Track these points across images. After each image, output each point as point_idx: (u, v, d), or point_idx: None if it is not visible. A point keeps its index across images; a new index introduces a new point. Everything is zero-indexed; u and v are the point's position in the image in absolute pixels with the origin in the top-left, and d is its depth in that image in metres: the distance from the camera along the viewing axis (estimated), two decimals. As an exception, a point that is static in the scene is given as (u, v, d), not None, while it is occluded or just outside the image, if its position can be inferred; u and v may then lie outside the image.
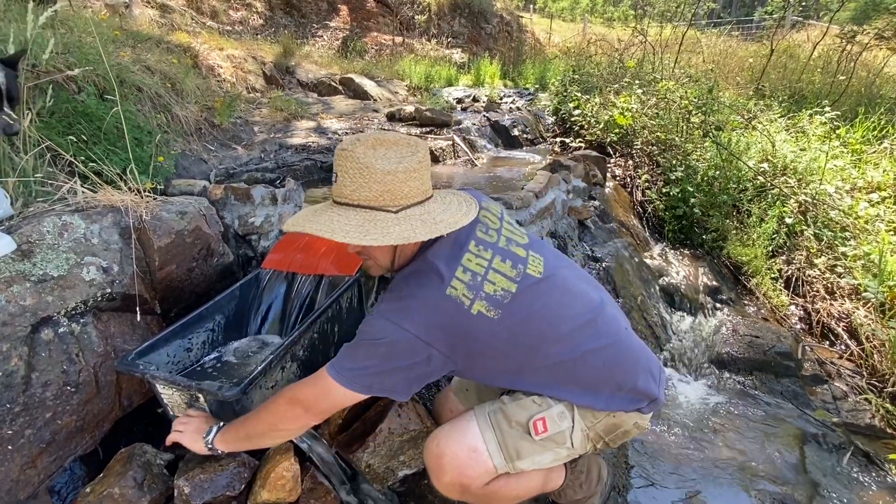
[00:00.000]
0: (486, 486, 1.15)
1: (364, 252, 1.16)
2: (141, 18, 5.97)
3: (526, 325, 1.08)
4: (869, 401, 2.20)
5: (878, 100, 5.17)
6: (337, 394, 1.05)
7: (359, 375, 1.04)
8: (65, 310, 1.42)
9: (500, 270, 1.09)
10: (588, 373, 1.15)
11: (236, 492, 1.30)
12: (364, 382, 1.04)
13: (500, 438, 1.15)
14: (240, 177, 3.05)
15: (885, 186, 3.44)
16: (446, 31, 11.70)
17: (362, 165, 1.04)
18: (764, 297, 2.83)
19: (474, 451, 1.14)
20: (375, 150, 1.07)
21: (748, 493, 1.68)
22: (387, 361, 1.03)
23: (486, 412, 1.20)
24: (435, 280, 1.04)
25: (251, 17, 9.14)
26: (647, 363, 1.22)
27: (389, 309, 1.05)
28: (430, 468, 1.20)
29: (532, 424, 1.14)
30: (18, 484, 1.27)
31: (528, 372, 1.14)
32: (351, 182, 1.06)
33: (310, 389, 1.09)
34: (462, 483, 1.14)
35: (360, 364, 1.04)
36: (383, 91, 7.06)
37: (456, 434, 1.18)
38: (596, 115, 4.21)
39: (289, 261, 1.95)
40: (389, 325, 1.02)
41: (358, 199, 1.06)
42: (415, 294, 1.04)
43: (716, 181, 3.29)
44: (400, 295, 1.07)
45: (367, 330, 1.06)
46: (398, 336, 1.01)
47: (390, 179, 1.04)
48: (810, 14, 10.26)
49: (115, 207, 1.64)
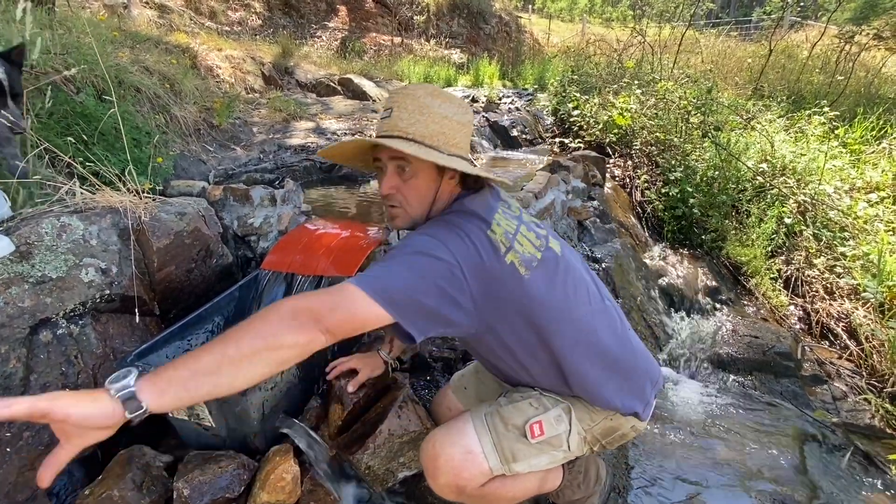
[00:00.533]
0: (482, 487, 1.15)
1: (401, 193, 1.10)
2: (139, 19, 5.97)
3: (548, 295, 1.07)
4: (868, 401, 2.20)
5: (877, 100, 5.18)
6: (358, 303, 0.89)
7: (387, 286, 0.91)
8: (63, 311, 1.42)
9: (526, 236, 1.10)
10: (597, 364, 1.14)
11: (235, 494, 1.29)
12: (390, 295, 0.90)
13: (495, 441, 1.15)
14: (239, 178, 3.05)
15: (883, 186, 3.44)
16: (445, 32, 11.70)
17: (422, 105, 1.07)
18: (763, 298, 2.84)
19: (469, 453, 1.13)
20: (433, 97, 1.09)
21: (748, 493, 1.68)
22: (421, 278, 0.93)
23: (482, 414, 1.19)
24: (476, 220, 1.05)
25: (250, 17, 9.14)
26: (647, 365, 1.23)
27: (435, 231, 1.01)
28: (427, 469, 1.19)
29: (528, 428, 1.14)
30: (17, 486, 1.27)
31: (539, 353, 1.13)
32: (409, 116, 1.06)
33: (325, 296, 0.91)
34: (458, 485, 1.14)
35: (393, 273, 0.93)
36: (382, 91, 7.06)
37: (452, 436, 1.17)
38: (595, 115, 4.21)
39: (288, 262, 1.94)
40: (434, 241, 0.97)
41: (413, 134, 1.06)
42: (461, 225, 1.02)
43: (715, 181, 3.29)
44: (446, 222, 1.04)
45: (408, 243, 0.98)
46: (441, 254, 0.95)
47: (446, 123, 1.08)
48: (808, 14, 10.28)
49: (114, 209, 1.64)
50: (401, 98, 1.09)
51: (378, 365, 1.60)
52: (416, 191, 1.11)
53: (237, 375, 0.81)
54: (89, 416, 0.73)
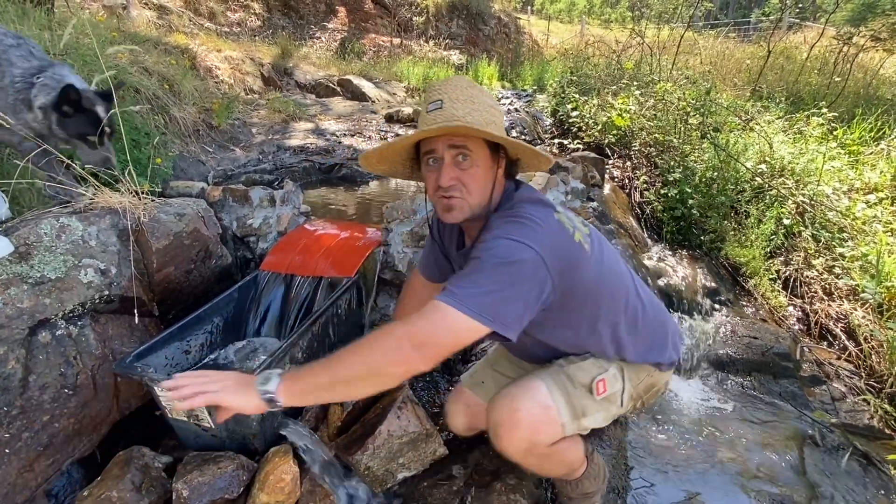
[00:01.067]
0: (550, 447, 1.19)
1: (462, 182, 1.11)
2: (138, 20, 5.96)
3: (604, 266, 1.17)
4: (867, 401, 2.20)
5: (875, 101, 5.19)
6: (459, 325, 0.94)
7: (484, 301, 0.95)
8: (62, 312, 1.42)
9: (575, 220, 1.16)
10: (641, 324, 1.26)
11: (235, 495, 1.29)
12: (489, 309, 0.95)
13: (566, 398, 1.19)
14: (238, 178, 3.05)
15: (882, 187, 3.44)
16: (444, 33, 11.71)
17: (470, 95, 1.10)
18: (762, 298, 2.83)
19: (547, 408, 1.17)
20: (473, 88, 1.13)
21: (747, 493, 1.68)
22: (510, 286, 0.97)
23: (550, 374, 1.23)
24: (542, 206, 1.11)
25: (249, 18, 9.14)
26: (669, 318, 1.39)
27: (511, 231, 1.03)
28: (502, 424, 1.18)
29: (595, 385, 1.22)
30: (16, 487, 1.27)
31: (598, 320, 1.20)
32: (462, 106, 1.08)
33: (424, 323, 0.96)
34: (532, 440, 1.16)
35: (484, 288, 0.96)
36: (381, 92, 7.06)
37: (528, 392, 1.19)
38: (594, 116, 4.21)
39: (287, 262, 1.94)
40: (515, 244, 1.00)
41: (472, 122, 1.06)
42: (532, 216, 1.06)
43: (714, 182, 3.29)
44: (518, 217, 1.06)
45: (491, 253, 1.00)
46: (525, 256, 0.99)
47: (493, 112, 1.11)
48: (807, 16, 10.30)
49: (113, 209, 1.64)
50: (448, 89, 1.11)
51: None
52: (476, 179, 1.12)
53: (349, 393, 1.05)
54: (243, 408, 1.01)
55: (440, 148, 1.10)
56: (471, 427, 1.53)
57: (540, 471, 1.30)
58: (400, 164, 1.27)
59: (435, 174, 1.12)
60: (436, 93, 1.11)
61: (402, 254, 2.09)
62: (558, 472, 1.32)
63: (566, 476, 1.37)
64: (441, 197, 1.12)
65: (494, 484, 1.46)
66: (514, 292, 0.98)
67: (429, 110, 1.10)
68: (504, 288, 0.97)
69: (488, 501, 1.41)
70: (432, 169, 1.13)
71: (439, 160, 1.11)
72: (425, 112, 1.11)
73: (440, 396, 1.91)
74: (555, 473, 1.34)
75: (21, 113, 1.59)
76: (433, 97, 1.11)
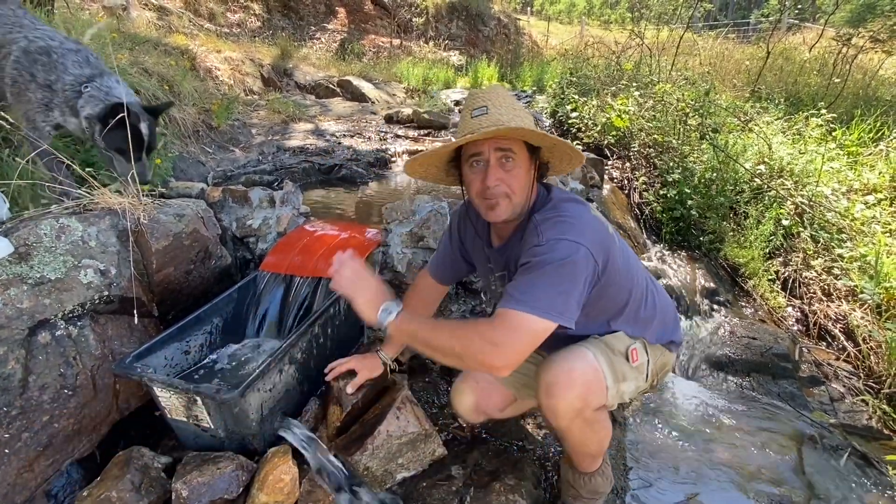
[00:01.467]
0: (596, 411, 1.25)
1: (506, 183, 1.18)
2: (138, 21, 5.97)
3: (629, 254, 1.31)
4: (866, 402, 2.21)
5: (874, 102, 5.20)
6: (536, 327, 1.04)
7: (554, 301, 1.05)
8: (62, 312, 1.42)
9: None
10: (657, 305, 1.38)
11: (234, 495, 1.29)
12: (557, 307, 1.05)
13: (609, 363, 1.26)
14: (238, 179, 3.05)
15: (880, 188, 3.45)
16: (444, 34, 11.72)
17: (510, 102, 1.19)
18: (761, 299, 2.84)
19: (597, 371, 1.23)
20: (509, 96, 1.22)
21: (746, 494, 1.68)
22: (570, 282, 1.07)
23: (590, 343, 1.29)
24: (580, 204, 1.22)
25: (249, 19, 9.15)
26: (674, 309, 1.49)
27: (561, 231, 1.11)
28: (558, 382, 1.21)
29: (630, 352, 1.30)
30: (15, 488, 1.27)
31: (628, 304, 1.30)
32: (507, 112, 1.17)
33: (501, 331, 1.05)
34: (586, 399, 1.21)
35: (552, 289, 1.06)
36: (381, 93, 7.07)
37: (579, 356, 1.25)
38: (593, 117, 4.22)
39: (287, 263, 1.95)
40: (568, 244, 1.09)
41: (504, 116, 1.15)
42: (574, 214, 1.16)
43: (713, 183, 3.30)
44: (564, 217, 1.15)
45: (551, 256, 1.08)
46: (579, 254, 1.08)
47: (529, 118, 1.19)
48: (806, 17, 10.31)
49: (113, 210, 1.64)
50: (492, 96, 1.20)
51: (377, 366, 1.60)
52: (519, 180, 1.19)
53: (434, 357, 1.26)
54: (361, 313, 1.19)
55: (486, 151, 1.17)
56: (478, 407, 1.53)
57: (579, 441, 1.32)
58: (437, 168, 1.34)
59: (480, 175, 1.19)
60: (479, 99, 1.20)
61: (401, 254, 2.09)
62: (592, 446, 1.35)
63: (591, 460, 1.40)
64: (485, 197, 1.19)
65: (493, 484, 1.46)
66: (573, 287, 1.08)
67: (474, 115, 1.18)
68: (565, 284, 1.07)
69: (487, 502, 1.41)
70: (477, 171, 1.20)
71: (485, 162, 1.18)
72: (469, 118, 1.19)
73: (439, 397, 1.92)
74: (588, 448, 1.35)
75: (66, 115, 1.69)
76: (477, 103, 1.19)
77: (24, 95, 1.61)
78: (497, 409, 1.56)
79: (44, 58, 1.61)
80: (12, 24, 1.68)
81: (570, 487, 1.47)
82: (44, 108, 1.63)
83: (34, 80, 1.59)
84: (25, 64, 1.60)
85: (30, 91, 1.60)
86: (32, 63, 1.60)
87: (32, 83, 1.60)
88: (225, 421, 1.38)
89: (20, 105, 1.63)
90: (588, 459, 1.40)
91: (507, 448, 1.69)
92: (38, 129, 1.65)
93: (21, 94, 1.61)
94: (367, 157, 3.89)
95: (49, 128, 1.68)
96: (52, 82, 1.61)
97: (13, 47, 1.62)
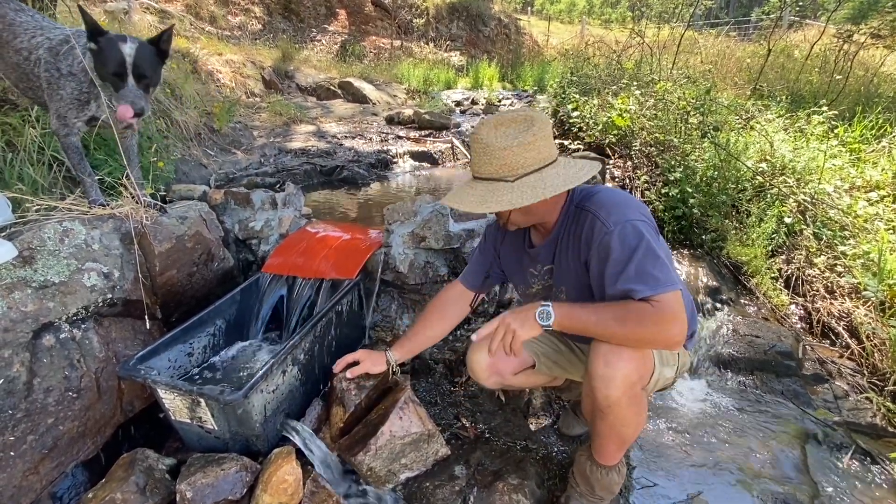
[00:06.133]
0: (641, 391, 1.28)
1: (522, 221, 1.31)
2: (140, 24, 5.99)
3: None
4: (870, 399, 2.20)
5: (876, 99, 5.17)
6: (675, 301, 1.12)
7: (670, 275, 1.14)
8: (66, 315, 1.43)
9: None
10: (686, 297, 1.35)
11: (238, 496, 1.30)
12: (672, 275, 1.14)
13: None
14: (240, 181, 3.06)
15: (883, 185, 3.43)
16: (444, 35, 11.73)
17: (484, 145, 1.21)
18: (764, 297, 2.83)
19: (645, 350, 1.26)
20: (497, 129, 1.22)
21: (750, 492, 1.68)
22: (661, 250, 1.16)
23: None
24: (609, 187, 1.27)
25: (250, 22, 9.17)
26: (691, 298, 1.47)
27: (622, 215, 1.18)
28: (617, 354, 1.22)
29: None
30: (21, 490, 1.27)
31: None
32: (478, 160, 1.23)
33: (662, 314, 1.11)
34: (640, 373, 1.23)
35: (661, 263, 1.13)
36: (382, 94, 7.08)
37: None
38: (594, 116, 4.21)
39: (289, 265, 1.95)
40: (636, 224, 1.17)
41: (483, 174, 1.23)
42: (616, 193, 1.25)
43: (714, 181, 3.29)
44: (614, 201, 1.23)
45: (637, 240, 1.15)
46: (646, 228, 1.17)
47: (506, 154, 1.19)
48: (807, 14, 10.28)
49: (116, 213, 1.65)
50: (473, 143, 1.24)
51: (379, 361, 1.61)
52: (534, 213, 1.28)
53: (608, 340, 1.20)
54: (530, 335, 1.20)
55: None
56: (493, 366, 1.54)
57: (620, 420, 1.29)
58: None
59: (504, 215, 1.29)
60: (471, 143, 1.25)
61: (403, 255, 2.10)
62: (628, 429, 1.33)
63: (615, 450, 1.38)
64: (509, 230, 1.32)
65: (496, 484, 1.47)
66: (662, 253, 1.16)
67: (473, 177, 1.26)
68: (659, 256, 1.14)
69: (490, 501, 1.42)
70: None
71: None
72: (469, 177, 1.26)
73: (442, 398, 1.92)
74: (624, 431, 1.33)
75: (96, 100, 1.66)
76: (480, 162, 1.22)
77: (57, 94, 1.62)
78: (511, 371, 1.58)
79: (64, 46, 1.62)
80: (34, 29, 1.70)
81: (583, 482, 1.44)
82: (76, 102, 1.63)
83: (60, 72, 1.61)
84: (52, 61, 1.61)
85: (60, 88, 1.61)
86: (56, 56, 1.61)
87: (61, 78, 1.61)
88: (229, 422, 1.38)
89: (53, 104, 1.64)
90: (613, 447, 1.37)
91: (510, 448, 1.69)
92: (69, 125, 1.64)
93: (54, 93, 1.62)
94: (368, 159, 3.90)
95: (80, 123, 1.67)
96: (72, 66, 1.61)
97: (40, 51, 1.64)
